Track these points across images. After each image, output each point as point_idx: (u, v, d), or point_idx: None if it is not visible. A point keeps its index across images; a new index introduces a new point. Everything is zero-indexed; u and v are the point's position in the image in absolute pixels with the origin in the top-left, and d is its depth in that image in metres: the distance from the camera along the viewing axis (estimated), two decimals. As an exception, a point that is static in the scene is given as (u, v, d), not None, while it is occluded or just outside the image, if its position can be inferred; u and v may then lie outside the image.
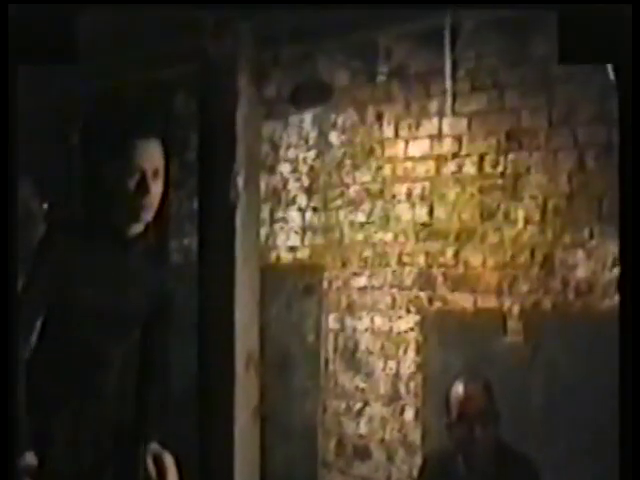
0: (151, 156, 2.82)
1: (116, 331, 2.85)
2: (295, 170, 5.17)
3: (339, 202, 4.97)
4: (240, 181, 4.96)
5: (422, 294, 4.60)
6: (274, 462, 4.97)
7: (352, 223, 4.91)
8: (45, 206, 4.19)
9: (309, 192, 5.10)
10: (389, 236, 4.76)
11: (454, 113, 4.52)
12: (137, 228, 2.75)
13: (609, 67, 3.22)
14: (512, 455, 3.34)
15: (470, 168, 4.47)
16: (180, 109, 5.56)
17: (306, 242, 5.10)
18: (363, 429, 4.79)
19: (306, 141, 5.12)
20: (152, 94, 5.39)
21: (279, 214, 5.21)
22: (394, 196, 4.74)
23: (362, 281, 4.84)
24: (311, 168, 5.10)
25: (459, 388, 3.34)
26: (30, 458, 2.51)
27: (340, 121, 4.98)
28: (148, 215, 2.74)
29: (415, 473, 4.09)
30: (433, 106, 4.62)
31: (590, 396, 3.96)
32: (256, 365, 5.01)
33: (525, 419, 4.03)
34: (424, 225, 4.62)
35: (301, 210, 5.13)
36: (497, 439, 3.35)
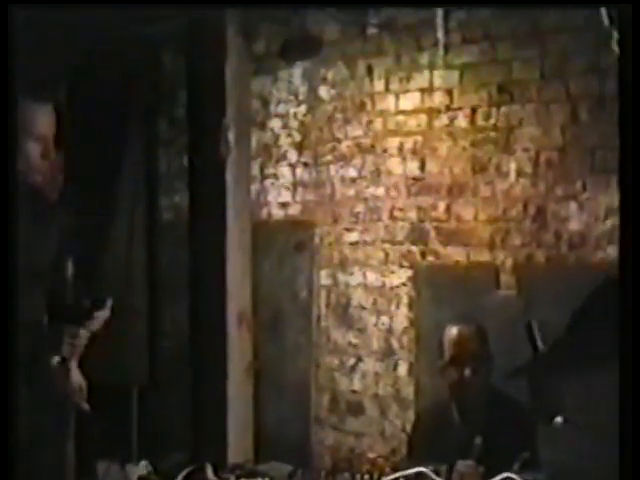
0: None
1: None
2: (286, 126, 5.11)
3: (330, 157, 4.92)
4: (231, 137, 4.93)
5: (414, 248, 4.58)
6: (267, 419, 4.97)
7: (343, 178, 4.86)
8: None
9: (300, 147, 5.05)
10: (381, 191, 4.72)
11: (446, 65, 4.46)
12: None
13: (603, 11, 3.17)
14: (507, 403, 3.35)
15: (462, 121, 4.42)
16: (168, 66, 5.49)
17: (297, 198, 5.06)
18: (356, 385, 4.78)
19: (296, 96, 5.05)
20: (138, 51, 5.32)
21: (270, 170, 5.16)
22: (385, 150, 4.70)
23: (354, 236, 4.81)
24: (302, 123, 5.04)
25: (453, 330, 3.36)
26: None
27: (330, 75, 4.92)
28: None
29: (408, 428, 4.11)
30: (424, 59, 4.55)
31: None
32: (249, 322, 5.02)
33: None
34: (416, 179, 4.58)
35: (292, 166, 5.08)
36: (491, 386, 3.36)
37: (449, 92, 4.47)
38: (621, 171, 2.24)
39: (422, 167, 4.57)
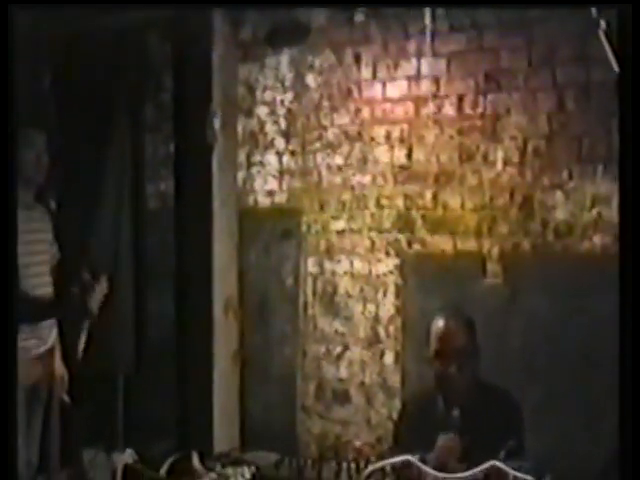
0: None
1: None
2: (272, 113, 5.09)
3: (317, 145, 4.90)
4: (217, 123, 4.91)
5: (401, 237, 4.57)
6: (253, 406, 4.98)
7: (330, 166, 4.85)
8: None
9: (287, 135, 5.03)
10: (367, 179, 4.71)
11: (433, 53, 4.45)
12: None
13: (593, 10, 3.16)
14: (493, 393, 3.34)
15: (449, 109, 4.42)
16: (154, 52, 5.45)
17: (284, 186, 5.04)
18: (343, 373, 4.78)
19: (282, 83, 5.03)
20: (124, 37, 5.29)
21: (256, 158, 5.13)
22: (372, 138, 4.68)
23: (340, 224, 4.79)
24: (288, 111, 5.02)
25: (440, 322, 3.32)
26: None
27: (317, 63, 4.89)
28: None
29: (394, 416, 4.10)
30: (411, 47, 4.54)
31: (568, 337, 3.97)
32: (235, 310, 5.01)
33: (504, 361, 4.03)
34: (403, 167, 4.57)
35: (279, 154, 5.06)
36: (477, 377, 3.35)
37: (436, 80, 4.46)
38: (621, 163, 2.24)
39: (409, 155, 4.56)
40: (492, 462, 2.86)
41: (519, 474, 2.81)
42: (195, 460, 3.11)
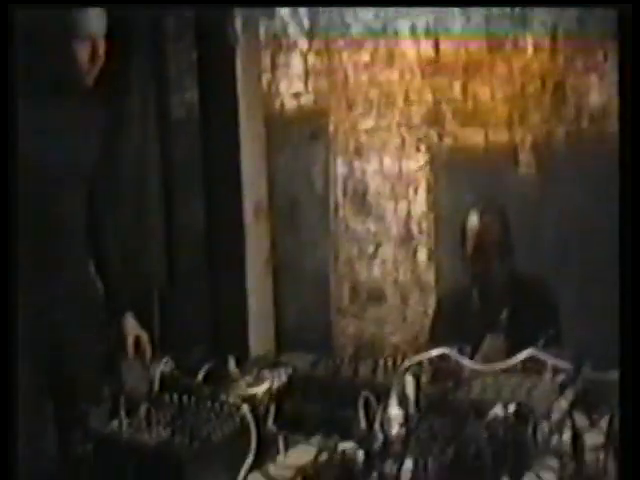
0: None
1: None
2: (294, 13, 4.96)
3: (341, 43, 4.77)
4: (238, 26, 4.80)
5: (431, 131, 4.48)
6: (288, 311, 4.96)
7: (356, 64, 4.73)
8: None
9: (310, 35, 4.90)
10: (394, 74, 4.59)
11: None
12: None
13: None
14: (529, 284, 3.30)
15: (475, -4, 4.27)
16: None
17: (310, 87, 4.93)
18: (376, 272, 4.74)
19: (302, -20, 4.88)
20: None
21: (280, 59, 5.02)
22: (397, 33, 4.55)
23: (369, 123, 4.70)
24: (309, 9, 4.88)
25: (474, 218, 3.26)
26: None
27: (338, -44, 4.74)
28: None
29: (430, 313, 4.07)
30: None
31: (605, 224, 3.87)
32: (265, 214, 4.96)
33: (538, 252, 3.97)
34: (430, 60, 4.45)
35: (303, 54, 4.94)
36: (513, 270, 3.30)
37: (461, -33, 4.30)
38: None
39: (436, 48, 4.44)
40: (530, 351, 2.81)
41: (557, 361, 2.75)
42: (231, 364, 3.10)
